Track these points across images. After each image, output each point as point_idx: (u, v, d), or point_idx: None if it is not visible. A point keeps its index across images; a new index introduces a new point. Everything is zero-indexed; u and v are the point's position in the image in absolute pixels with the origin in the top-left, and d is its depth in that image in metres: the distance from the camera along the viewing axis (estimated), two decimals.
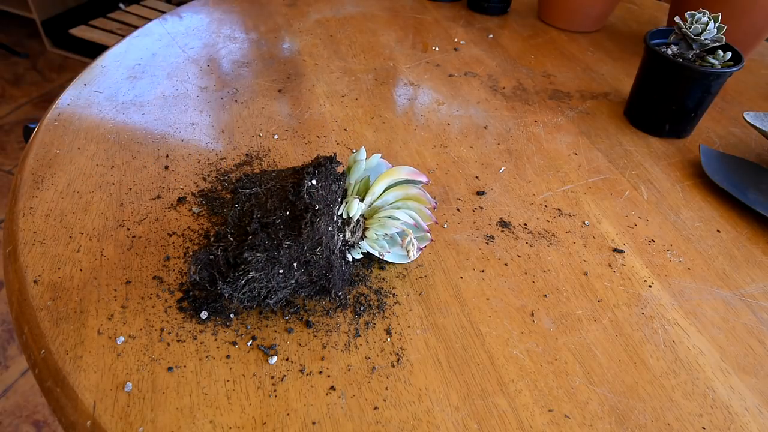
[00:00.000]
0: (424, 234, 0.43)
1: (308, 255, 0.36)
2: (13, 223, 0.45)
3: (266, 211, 0.37)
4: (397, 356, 0.38)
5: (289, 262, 0.36)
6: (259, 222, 0.37)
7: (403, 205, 0.41)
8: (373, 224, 0.40)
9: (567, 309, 0.42)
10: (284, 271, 0.36)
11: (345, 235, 0.40)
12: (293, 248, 0.36)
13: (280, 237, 0.36)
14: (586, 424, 0.35)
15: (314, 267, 0.37)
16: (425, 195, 0.42)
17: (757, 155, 0.62)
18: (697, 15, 0.58)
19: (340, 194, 0.39)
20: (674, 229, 0.51)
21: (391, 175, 0.41)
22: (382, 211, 0.41)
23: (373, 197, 0.41)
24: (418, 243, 0.43)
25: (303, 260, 0.37)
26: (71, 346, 0.36)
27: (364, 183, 0.42)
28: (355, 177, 0.41)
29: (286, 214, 0.37)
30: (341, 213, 0.39)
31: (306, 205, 0.37)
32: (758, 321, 0.43)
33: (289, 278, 0.36)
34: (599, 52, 0.83)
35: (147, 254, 0.43)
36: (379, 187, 0.41)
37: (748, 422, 0.36)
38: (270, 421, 0.33)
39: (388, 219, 0.39)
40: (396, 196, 0.42)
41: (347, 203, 0.39)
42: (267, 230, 0.37)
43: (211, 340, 0.37)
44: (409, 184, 0.42)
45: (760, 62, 0.84)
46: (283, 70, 0.70)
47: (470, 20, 0.89)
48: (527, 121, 0.65)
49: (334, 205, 0.38)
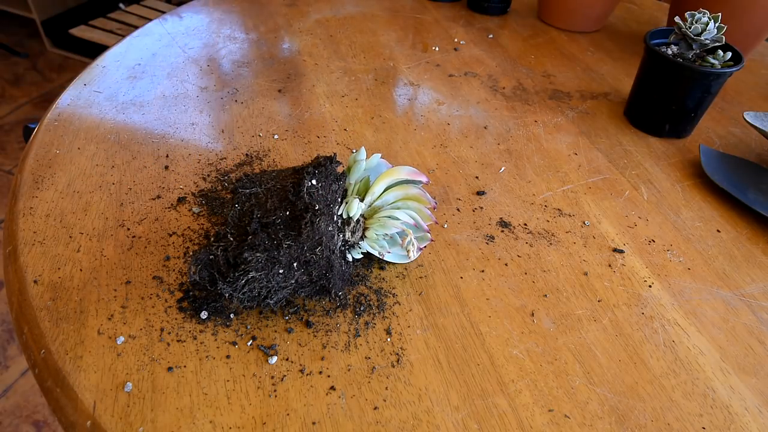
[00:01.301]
0: (424, 234, 0.43)
1: (308, 255, 0.36)
2: (13, 223, 0.45)
3: (266, 211, 0.37)
4: (397, 356, 0.38)
5: (289, 262, 0.36)
6: (259, 222, 0.37)
7: (403, 205, 0.41)
8: (373, 224, 0.40)
9: (567, 309, 0.42)
10: (284, 271, 0.36)
11: (345, 235, 0.40)
12: (293, 248, 0.36)
13: (280, 237, 0.36)
14: (586, 424, 0.35)
15: (314, 267, 0.37)
16: (425, 195, 0.42)
17: (757, 155, 0.62)
18: (697, 15, 0.58)
19: (340, 194, 0.39)
20: (674, 229, 0.51)
21: (391, 175, 0.41)
22: (382, 211, 0.41)
23: (373, 197, 0.41)
24: (419, 243, 0.43)
25: (303, 260, 0.37)
26: (71, 346, 0.36)
27: (364, 183, 0.42)
28: (355, 177, 0.41)
29: (286, 214, 0.37)
30: (341, 213, 0.39)
31: (306, 205, 0.37)
32: (758, 321, 0.43)
33: (289, 278, 0.36)
34: (599, 52, 0.83)
35: (147, 254, 0.43)
36: (379, 187, 0.41)
37: (748, 422, 0.36)
38: (270, 421, 0.33)
39: (388, 219, 0.39)
40: (396, 196, 0.42)
41: (347, 203, 0.39)
42: (267, 230, 0.37)
43: (211, 340, 0.37)
44: (409, 184, 0.42)
45: (760, 62, 0.84)
46: (283, 70, 0.70)
47: (470, 20, 0.89)
48: (527, 121, 0.65)
49: (334, 205, 0.38)
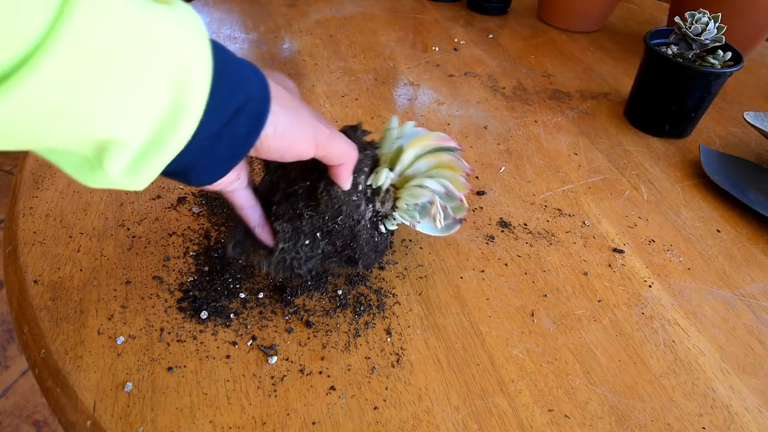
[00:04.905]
0: (458, 204, 0.41)
1: (330, 225, 0.36)
2: (13, 223, 0.45)
3: (290, 181, 0.37)
4: (397, 356, 0.38)
5: (312, 231, 0.36)
6: (283, 192, 0.37)
7: (437, 173, 0.39)
8: (403, 193, 0.39)
9: (567, 309, 0.42)
10: (309, 241, 0.36)
11: (375, 205, 0.39)
12: (315, 218, 0.36)
13: (300, 207, 0.36)
14: (586, 424, 0.35)
15: (337, 237, 0.37)
16: (459, 162, 0.40)
17: (757, 155, 0.62)
18: (697, 15, 0.58)
19: (367, 164, 0.38)
20: (674, 229, 0.51)
21: (421, 142, 0.39)
22: (413, 180, 0.39)
23: (402, 166, 0.39)
24: (454, 213, 0.41)
25: (326, 230, 0.37)
26: (71, 346, 0.36)
27: (397, 152, 0.40)
28: (387, 146, 0.40)
29: (306, 184, 0.37)
30: (370, 183, 0.38)
31: (320, 174, 0.36)
32: (758, 321, 0.43)
33: (315, 248, 0.37)
34: (599, 52, 0.83)
35: (147, 254, 0.43)
36: (408, 155, 0.39)
37: (748, 422, 0.36)
38: (270, 421, 0.33)
39: (417, 188, 0.38)
40: (429, 164, 0.39)
41: (376, 173, 0.38)
42: (290, 200, 0.37)
43: (211, 340, 0.37)
44: (442, 152, 0.40)
45: (760, 62, 0.84)
46: (283, 70, 0.70)
47: (470, 20, 0.89)
48: (527, 121, 0.65)
49: (358, 175, 0.37)
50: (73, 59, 0.18)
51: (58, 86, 0.18)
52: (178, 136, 0.23)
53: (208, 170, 0.28)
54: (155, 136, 0.23)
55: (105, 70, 0.19)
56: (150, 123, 0.22)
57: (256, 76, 0.27)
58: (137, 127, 0.22)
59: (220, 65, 0.25)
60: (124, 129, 0.21)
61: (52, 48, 0.18)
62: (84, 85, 0.19)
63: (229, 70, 0.25)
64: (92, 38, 0.19)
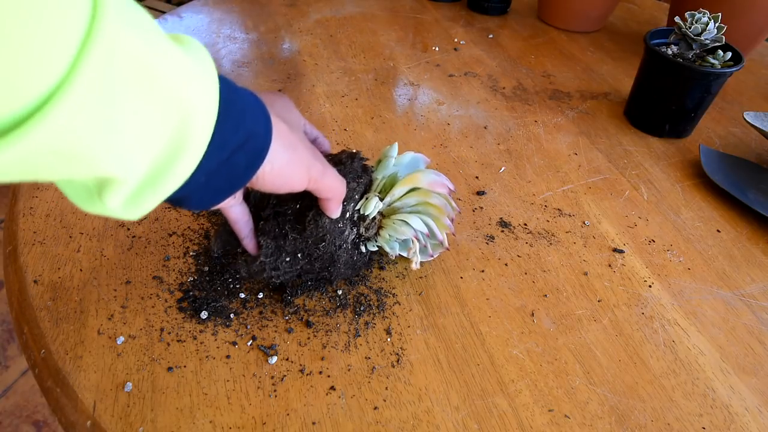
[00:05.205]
0: (437, 243, 0.42)
1: (312, 249, 0.37)
2: (13, 223, 0.45)
3: (281, 199, 0.38)
4: (397, 356, 0.38)
5: (294, 251, 0.37)
6: (273, 209, 0.38)
7: (423, 210, 0.41)
8: (388, 224, 0.40)
9: (567, 309, 0.42)
10: (290, 259, 0.38)
11: (359, 229, 0.40)
12: (298, 241, 0.37)
13: (287, 229, 0.37)
14: (586, 424, 0.35)
15: (317, 260, 0.38)
16: (446, 206, 0.41)
17: (757, 155, 0.62)
18: (697, 15, 0.58)
19: (360, 190, 0.39)
20: (674, 229, 0.51)
21: (412, 182, 0.40)
22: (399, 213, 0.40)
23: (392, 198, 0.40)
24: (432, 250, 0.42)
25: (307, 252, 0.38)
26: (71, 346, 0.36)
27: (392, 179, 0.41)
28: (382, 173, 0.41)
29: (296, 206, 0.38)
30: (358, 208, 0.39)
31: (310, 201, 0.37)
32: (758, 321, 0.43)
33: (294, 265, 0.38)
34: (599, 52, 0.83)
35: (147, 254, 0.43)
36: (399, 191, 0.40)
37: (748, 422, 0.36)
38: (270, 421, 0.33)
39: (402, 224, 0.39)
40: (418, 200, 0.41)
41: (367, 199, 0.39)
42: (278, 219, 0.38)
43: (211, 340, 0.37)
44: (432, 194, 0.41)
45: (760, 62, 0.84)
46: (283, 70, 0.70)
47: (470, 20, 0.89)
48: (527, 121, 0.65)
49: (349, 202, 0.38)
50: (85, 104, 0.18)
51: (68, 131, 0.18)
52: (177, 175, 0.23)
53: (204, 200, 0.28)
54: (154, 175, 0.23)
55: (113, 114, 0.19)
56: (150, 162, 0.22)
57: (261, 113, 0.28)
58: (137, 166, 0.22)
59: (225, 104, 0.25)
60: (125, 167, 0.21)
61: (67, 94, 0.17)
62: (93, 128, 0.19)
63: (234, 109, 0.26)
64: (105, 83, 0.18)
